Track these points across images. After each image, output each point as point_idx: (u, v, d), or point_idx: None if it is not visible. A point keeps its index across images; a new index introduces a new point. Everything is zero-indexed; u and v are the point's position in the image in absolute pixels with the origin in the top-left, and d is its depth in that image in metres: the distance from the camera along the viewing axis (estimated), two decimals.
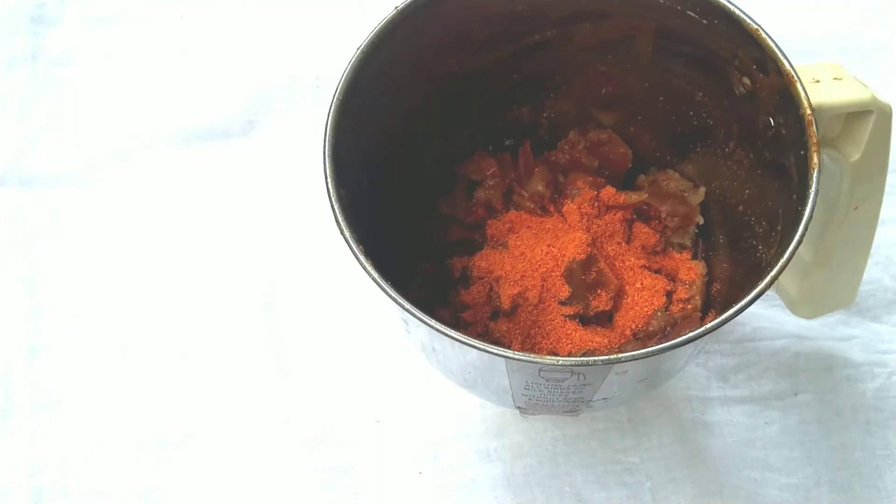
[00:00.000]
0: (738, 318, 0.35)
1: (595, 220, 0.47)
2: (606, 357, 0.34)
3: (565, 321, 0.44)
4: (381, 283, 0.35)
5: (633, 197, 0.48)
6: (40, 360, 0.52)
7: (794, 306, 0.49)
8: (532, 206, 0.48)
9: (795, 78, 0.37)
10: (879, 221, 0.45)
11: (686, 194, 0.48)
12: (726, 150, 0.45)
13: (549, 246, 0.45)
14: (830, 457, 0.50)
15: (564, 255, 0.44)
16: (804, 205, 0.36)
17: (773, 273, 0.35)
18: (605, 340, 0.44)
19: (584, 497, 0.49)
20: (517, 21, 0.44)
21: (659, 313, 0.45)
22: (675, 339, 0.34)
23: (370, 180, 0.41)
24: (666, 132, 0.48)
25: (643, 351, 0.34)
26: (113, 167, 0.57)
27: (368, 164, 0.41)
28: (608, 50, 0.45)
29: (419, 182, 0.47)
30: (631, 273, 0.46)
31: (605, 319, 0.46)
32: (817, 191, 0.36)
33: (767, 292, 0.35)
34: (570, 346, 0.43)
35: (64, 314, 0.53)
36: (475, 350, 0.34)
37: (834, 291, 0.48)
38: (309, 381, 0.52)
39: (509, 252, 0.45)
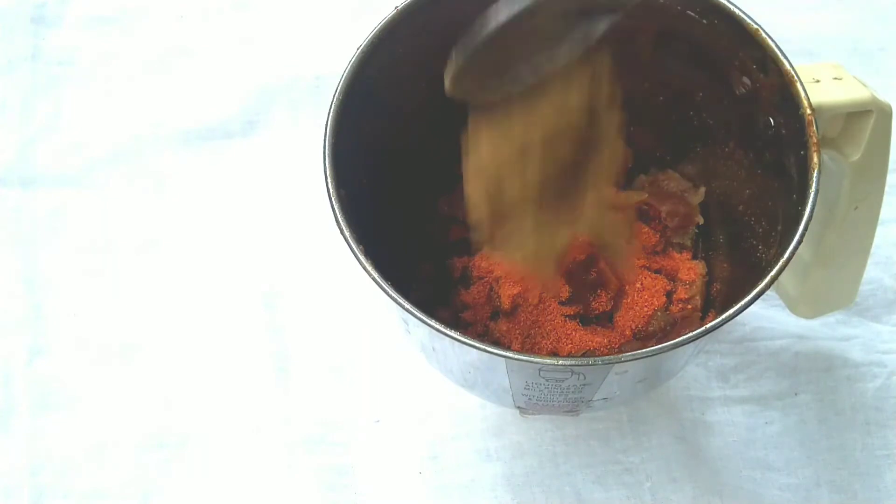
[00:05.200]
0: (738, 318, 0.35)
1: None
2: (606, 357, 0.34)
3: (565, 321, 0.44)
4: (381, 283, 0.35)
5: (633, 197, 0.48)
6: (40, 360, 0.52)
7: (794, 306, 0.49)
8: None
9: (795, 78, 0.38)
10: (879, 221, 0.45)
11: (686, 194, 0.48)
12: (726, 150, 0.45)
13: None
14: (830, 457, 0.50)
15: (565, 255, 0.44)
16: (804, 205, 0.36)
17: (773, 273, 0.35)
18: (605, 340, 0.44)
19: (584, 497, 0.49)
20: None
21: (659, 313, 0.45)
22: (675, 339, 0.34)
23: (370, 180, 0.41)
24: (666, 132, 0.48)
25: (643, 351, 0.34)
26: (113, 167, 0.57)
27: (368, 164, 0.41)
28: (608, 50, 0.45)
29: (419, 182, 0.47)
30: (631, 273, 0.46)
31: (605, 319, 0.46)
32: (817, 191, 0.36)
33: (767, 292, 0.35)
34: (570, 346, 0.43)
35: (64, 314, 0.53)
36: (475, 350, 0.34)
37: (834, 291, 0.48)
38: (309, 381, 0.52)
39: None
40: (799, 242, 0.35)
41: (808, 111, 0.37)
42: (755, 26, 0.38)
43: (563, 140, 0.36)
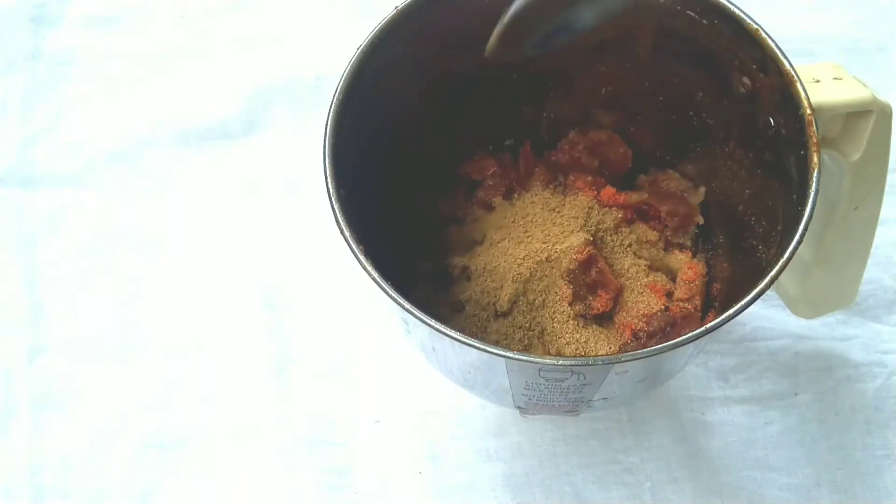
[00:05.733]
0: (738, 318, 0.35)
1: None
2: (606, 357, 0.34)
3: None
4: (381, 283, 0.35)
5: (633, 197, 0.48)
6: (40, 360, 0.52)
7: (794, 306, 0.49)
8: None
9: (795, 78, 0.38)
10: (879, 221, 0.45)
11: (686, 194, 0.48)
12: (726, 150, 0.45)
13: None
14: (830, 457, 0.50)
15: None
16: (804, 205, 0.36)
17: (773, 273, 0.35)
18: (605, 340, 0.44)
19: (584, 497, 0.49)
20: None
21: (659, 313, 0.45)
22: (675, 339, 0.34)
23: (370, 180, 0.41)
24: (666, 132, 0.48)
25: (643, 351, 0.34)
26: (113, 167, 0.57)
27: (368, 164, 0.41)
28: (608, 50, 0.45)
29: (419, 182, 0.47)
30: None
31: (605, 319, 0.46)
32: (817, 191, 0.36)
33: (767, 292, 0.35)
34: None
35: (64, 314, 0.53)
36: (475, 350, 0.34)
37: (834, 291, 0.48)
38: (309, 381, 0.52)
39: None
40: (799, 242, 0.35)
41: (808, 111, 0.37)
42: (755, 26, 0.38)
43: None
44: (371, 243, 0.36)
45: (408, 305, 0.34)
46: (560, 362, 0.34)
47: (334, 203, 0.37)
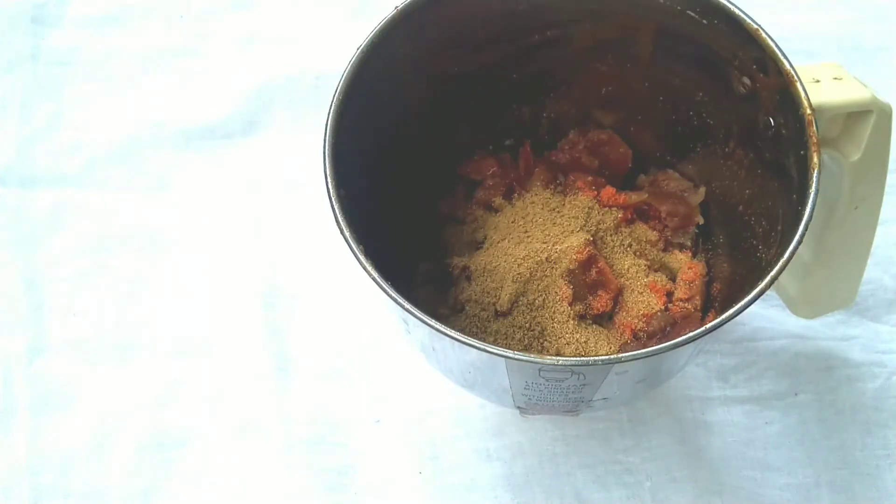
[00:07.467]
0: (738, 318, 0.35)
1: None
2: (606, 357, 0.34)
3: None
4: (381, 283, 0.35)
5: (633, 197, 0.48)
6: (40, 360, 0.52)
7: (794, 306, 0.49)
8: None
9: (795, 78, 0.38)
10: (879, 221, 0.45)
11: (686, 194, 0.48)
12: (726, 150, 0.45)
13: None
14: (830, 457, 0.50)
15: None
16: (804, 205, 0.36)
17: (773, 273, 0.35)
18: (605, 340, 0.44)
19: (584, 497, 0.49)
20: (517, 21, 0.44)
21: (659, 313, 0.45)
22: (675, 339, 0.34)
23: (370, 180, 0.41)
24: (666, 132, 0.48)
25: (643, 351, 0.34)
26: (113, 167, 0.57)
27: (368, 164, 0.41)
28: (608, 50, 0.45)
29: (419, 182, 0.47)
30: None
31: (605, 319, 0.46)
32: (817, 191, 0.36)
33: (767, 292, 0.35)
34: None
35: (64, 314, 0.53)
36: (475, 350, 0.34)
37: (834, 291, 0.48)
38: (309, 382, 0.52)
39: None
40: (799, 242, 0.35)
41: (808, 111, 0.37)
42: (755, 26, 0.38)
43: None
44: (371, 243, 0.36)
45: (408, 305, 0.34)
46: (560, 362, 0.34)
47: (334, 203, 0.37)
